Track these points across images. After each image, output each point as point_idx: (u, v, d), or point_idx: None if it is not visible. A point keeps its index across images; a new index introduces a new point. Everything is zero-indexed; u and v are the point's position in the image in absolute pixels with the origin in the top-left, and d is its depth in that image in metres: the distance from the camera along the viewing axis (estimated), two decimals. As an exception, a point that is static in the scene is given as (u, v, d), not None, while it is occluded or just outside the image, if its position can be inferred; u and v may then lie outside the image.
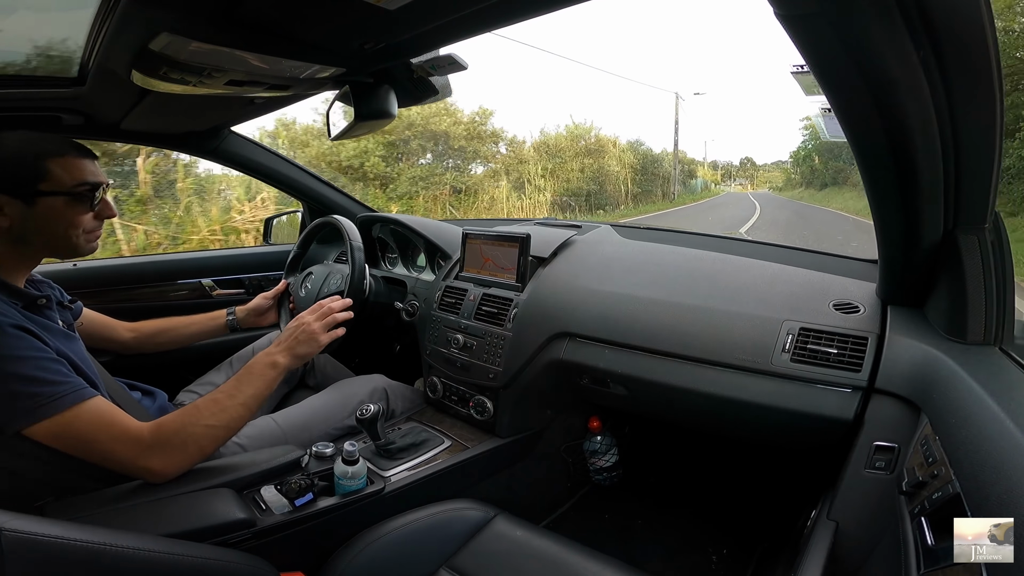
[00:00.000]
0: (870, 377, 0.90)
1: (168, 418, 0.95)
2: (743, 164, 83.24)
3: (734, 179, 75.83)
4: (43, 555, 0.53)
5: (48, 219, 0.93)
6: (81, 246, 0.98)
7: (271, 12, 0.77)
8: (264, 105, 1.34)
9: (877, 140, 0.66)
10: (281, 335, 1.16)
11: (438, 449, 1.27)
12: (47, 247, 0.97)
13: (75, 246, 0.98)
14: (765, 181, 69.44)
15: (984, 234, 0.76)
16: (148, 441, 0.90)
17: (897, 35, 0.52)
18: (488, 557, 0.98)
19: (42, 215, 0.92)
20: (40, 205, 0.91)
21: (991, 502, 0.52)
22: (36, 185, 0.91)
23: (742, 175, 78.98)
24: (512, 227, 1.69)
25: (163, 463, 0.91)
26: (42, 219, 0.92)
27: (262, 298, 1.50)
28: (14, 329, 0.85)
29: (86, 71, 1.00)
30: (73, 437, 0.85)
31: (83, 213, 0.96)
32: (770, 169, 75.51)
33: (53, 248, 0.97)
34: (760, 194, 40.68)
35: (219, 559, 0.74)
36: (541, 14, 0.82)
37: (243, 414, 1.00)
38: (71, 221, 0.95)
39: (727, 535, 1.46)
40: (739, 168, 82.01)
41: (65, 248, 0.97)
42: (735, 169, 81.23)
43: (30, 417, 0.82)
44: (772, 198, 32.10)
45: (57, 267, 1.66)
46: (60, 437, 0.85)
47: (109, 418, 0.89)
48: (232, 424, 0.99)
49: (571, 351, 1.24)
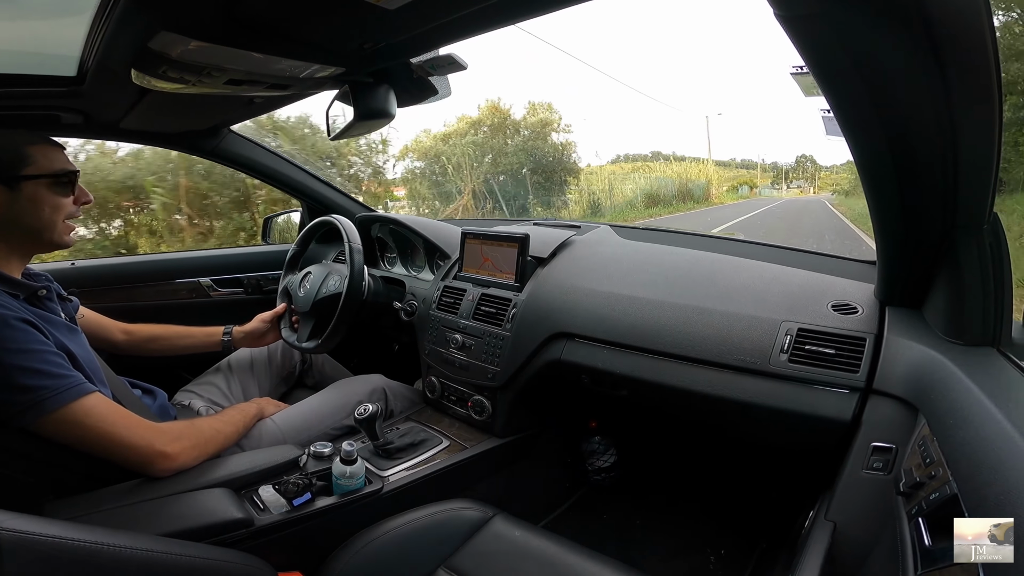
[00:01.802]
0: (868, 378, 0.90)
1: (174, 422, 1.02)
2: (800, 164, 69.52)
3: (790, 182, 64.90)
4: (41, 554, 0.53)
5: (33, 203, 0.95)
6: (62, 233, 1.00)
7: (270, 11, 0.77)
8: (263, 104, 1.34)
9: (876, 141, 0.66)
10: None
11: (436, 449, 1.27)
12: (32, 235, 0.97)
13: (59, 232, 1.00)
14: (831, 184, 58.01)
15: (982, 235, 0.76)
16: (159, 429, 0.95)
17: (896, 36, 0.52)
18: (486, 557, 0.98)
19: (27, 199, 0.94)
20: (25, 190, 0.94)
21: (988, 503, 0.52)
22: (20, 170, 0.94)
23: (800, 177, 67.48)
24: (511, 227, 1.69)
25: (175, 447, 0.95)
26: (27, 203, 0.94)
27: (260, 321, 1.49)
28: (18, 322, 0.86)
29: (85, 70, 1.00)
30: (83, 429, 0.87)
31: (64, 197, 0.99)
32: (838, 171, 58.10)
33: (38, 235, 0.98)
34: (812, 200, 33.31)
35: (217, 558, 0.74)
36: (539, 15, 0.82)
37: (239, 431, 1.14)
38: (54, 205, 0.97)
39: (725, 535, 1.46)
40: (795, 169, 69.29)
41: (49, 235, 0.99)
42: (790, 170, 68.57)
43: (37, 410, 0.83)
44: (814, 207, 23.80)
45: (55, 266, 1.66)
46: (69, 429, 0.86)
47: (116, 411, 0.92)
48: (232, 438, 1.11)
49: (570, 351, 1.24)
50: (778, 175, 67.34)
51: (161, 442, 0.93)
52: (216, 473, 0.99)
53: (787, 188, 62.15)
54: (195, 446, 0.99)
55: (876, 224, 0.83)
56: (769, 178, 61.00)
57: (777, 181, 64.95)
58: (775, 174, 66.80)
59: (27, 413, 0.83)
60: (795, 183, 65.29)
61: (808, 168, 69.96)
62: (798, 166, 71.63)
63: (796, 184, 64.86)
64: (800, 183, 65.36)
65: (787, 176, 68.42)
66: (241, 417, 1.16)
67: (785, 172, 69.20)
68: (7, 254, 0.96)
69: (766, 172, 61.12)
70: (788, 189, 61.52)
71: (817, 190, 59.08)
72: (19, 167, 0.94)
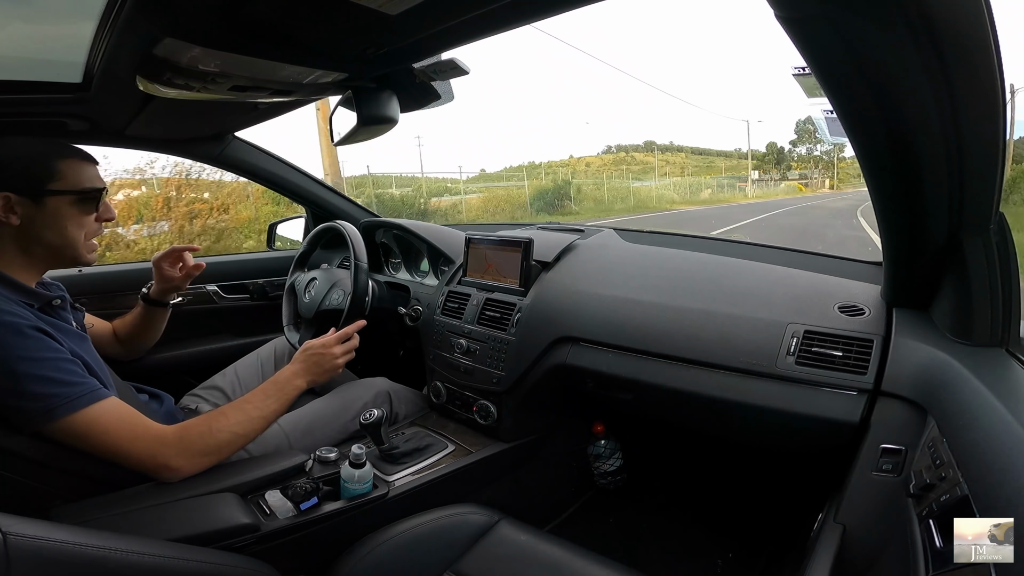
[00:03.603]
0: (876, 380, 0.90)
1: (194, 422, 0.99)
2: (802, 137, 48.03)
3: (786, 171, 47.39)
4: (48, 559, 0.53)
5: (56, 219, 0.95)
6: (83, 251, 1.00)
7: (274, 17, 0.77)
8: (268, 110, 1.34)
9: (880, 142, 0.66)
10: (301, 357, 1.19)
11: (442, 454, 1.27)
12: (53, 250, 0.98)
13: (80, 249, 1.00)
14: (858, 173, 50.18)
15: (989, 235, 0.76)
16: (171, 440, 0.94)
17: (899, 36, 0.51)
18: (492, 561, 0.98)
19: (50, 214, 0.94)
20: (49, 205, 0.94)
21: (999, 503, 0.52)
22: (46, 184, 0.94)
23: (804, 165, 47.93)
24: (515, 231, 1.69)
25: (183, 462, 0.94)
26: (50, 218, 0.95)
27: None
28: (32, 331, 0.86)
29: (91, 76, 1.00)
30: (93, 435, 0.87)
31: (87, 214, 0.99)
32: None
33: (59, 251, 0.98)
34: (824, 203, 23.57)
35: (224, 563, 0.74)
36: (542, 18, 0.82)
37: (264, 427, 1.06)
38: (78, 222, 0.97)
39: (732, 539, 1.45)
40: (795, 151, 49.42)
41: (71, 251, 0.99)
42: (786, 156, 49.65)
43: (49, 416, 0.84)
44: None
45: (63, 273, 1.66)
46: (80, 435, 0.87)
47: (129, 417, 0.92)
48: (252, 435, 1.04)
49: (575, 355, 1.24)
50: (768, 160, 47.46)
51: (164, 456, 0.92)
52: (223, 478, 0.99)
53: (775, 182, 42.53)
54: (205, 459, 0.97)
55: (882, 224, 0.83)
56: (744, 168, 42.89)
57: (765, 168, 45.56)
58: (767, 158, 46.62)
59: (42, 418, 0.84)
60: (796, 175, 45.61)
61: (815, 151, 47.00)
62: (800, 140, 48.27)
63: (799, 177, 44.63)
64: (807, 174, 45.58)
65: (781, 161, 47.60)
66: (277, 406, 1.08)
67: (777, 155, 47.94)
68: (27, 265, 0.96)
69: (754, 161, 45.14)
70: (775, 184, 42.02)
71: (836, 184, 39.88)
72: (46, 181, 0.94)
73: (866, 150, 0.69)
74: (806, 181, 45.04)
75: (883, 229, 0.84)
